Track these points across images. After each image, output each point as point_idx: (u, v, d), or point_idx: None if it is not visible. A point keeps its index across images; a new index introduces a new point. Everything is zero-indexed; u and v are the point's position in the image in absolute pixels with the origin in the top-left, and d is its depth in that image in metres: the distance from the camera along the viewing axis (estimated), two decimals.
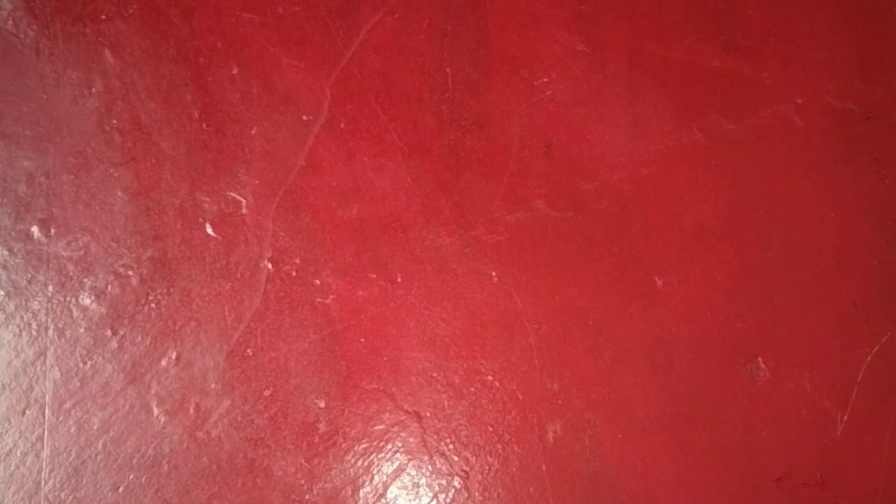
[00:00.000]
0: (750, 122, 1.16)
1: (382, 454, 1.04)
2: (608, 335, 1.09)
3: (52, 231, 1.02)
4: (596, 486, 1.06)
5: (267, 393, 1.03)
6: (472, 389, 1.07)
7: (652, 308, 1.11)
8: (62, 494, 0.98)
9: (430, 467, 1.05)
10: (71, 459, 0.99)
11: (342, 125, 1.09)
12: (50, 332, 1.00)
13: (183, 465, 1.00)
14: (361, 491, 1.03)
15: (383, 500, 1.04)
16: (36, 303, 1.00)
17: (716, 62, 1.17)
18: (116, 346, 1.01)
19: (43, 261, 1.01)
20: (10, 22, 1.04)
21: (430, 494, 1.05)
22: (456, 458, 1.06)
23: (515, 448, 1.07)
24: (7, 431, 0.98)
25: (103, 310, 1.01)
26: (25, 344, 1.00)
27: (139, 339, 1.02)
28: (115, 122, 1.05)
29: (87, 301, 1.01)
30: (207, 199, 1.05)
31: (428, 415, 1.06)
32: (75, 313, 1.01)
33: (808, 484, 1.09)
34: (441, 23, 1.13)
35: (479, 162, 1.11)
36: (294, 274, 1.05)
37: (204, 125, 1.06)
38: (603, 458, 1.07)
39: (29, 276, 1.01)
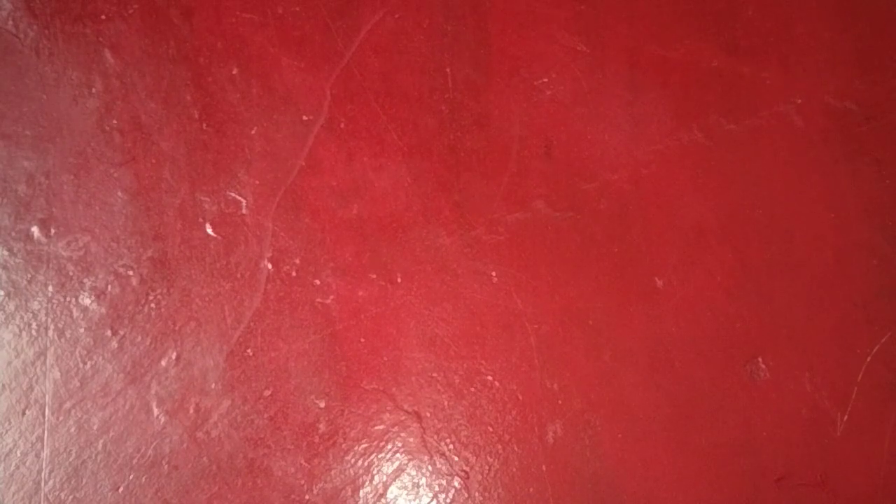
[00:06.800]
0: (750, 122, 1.16)
1: (382, 454, 1.04)
2: (608, 335, 1.09)
3: (52, 231, 1.02)
4: (596, 486, 1.06)
5: (267, 393, 1.03)
6: (472, 389, 1.07)
7: (652, 308, 1.11)
8: (62, 494, 0.98)
9: (430, 467, 1.05)
10: (71, 459, 0.99)
11: (342, 125, 1.09)
12: (50, 332, 1.00)
13: (183, 465, 1.00)
14: (361, 491, 1.03)
15: (383, 501, 1.04)
16: (36, 303, 1.00)
17: (716, 62, 1.17)
18: (116, 346, 1.01)
19: (43, 261, 1.01)
20: (10, 22, 1.04)
21: (430, 494, 1.05)
22: (456, 459, 1.06)
23: (515, 448, 1.06)
24: (7, 431, 0.98)
25: (103, 310, 1.01)
26: (25, 344, 1.00)
27: (139, 339, 1.02)
28: (115, 122, 1.05)
29: (87, 301, 1.01)
30: (207, 199, 1.05)
31: (428, 415, 1.06)
32: (75, 313, 1.01)
33: (808, 484, 1.09)
34: (441, 23, 1.13)
35: (479, 162, 1.11)
36: (294, 274, 1.05)
37: (204, 125, 1.06)
38: (603, 459, 1.07)
39: (29, 276, 1.01)
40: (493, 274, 1.09)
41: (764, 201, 1.14)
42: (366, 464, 1.04)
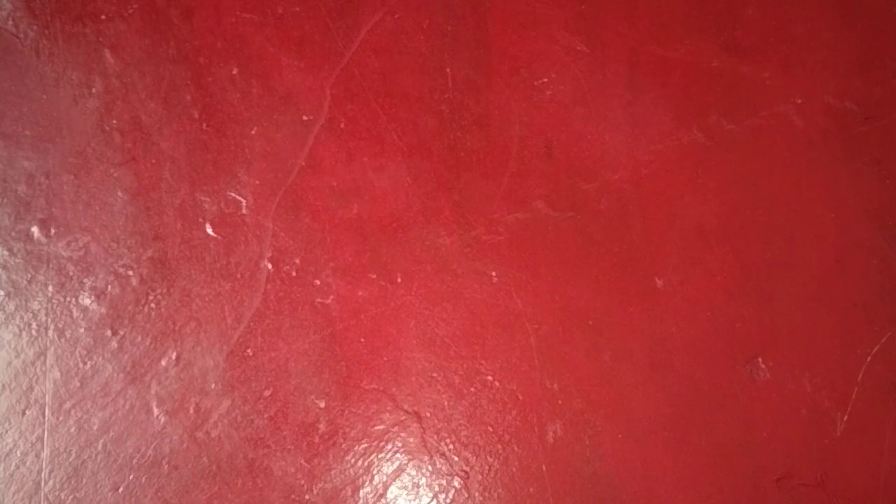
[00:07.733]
0: (750, 122, 1.16)
1: (382, 454, 1.04)
2: (608, 335, 1.09)
3: (52, 231, 1.02)
4: (596, 486, 1.06)
5: (267, 393, 1.03)
6: (472, 389, 1.07)
7: (652, 308, 1.11)
8: (62, 494, 0.98)
9: (430, 467, 1.05)
10: (71, 459, 0.99)
11: (342, 125, 1.09)
12: (50, 332, 1.00)
13: (183, 465, 1.00)
14: (361, 491, 1.03)
15: (383, 501, 1.04)
16: (36, 303, 1.00)
17: (716, 62, 1.17)
18: (116, 346, 1.01)
19: (43, 261, 1.01)
20: (10, 22, 1.04)
21: (430, 494, 1.05)
22: (456, 459, 1.06)
23: (515, 448, 1.07)
24: (7, 431, 0.98)
25: (103, 310, 1.01)
26: (25, 344, 1.00)
27: (139, 339, 1.02)
28: (115, 122, 1.05)
29: (87, 301, 1.01)
30: (207, 199, 1.05)
31: (428, 415, 1.06)
32: (75, 313, 1.01)
33: (808, 484, 1.09)
34: (441, 23, 1.13)
35: (479, 162, 1.11)
36: (294, 274, 1.05)
37: (204, 125, 1.06)
38: (603, 459, 1.07)
39: (29, 276, 1.01)
40: (493, 274, 1.09)
41: (764, 201, 1.14)
42: (366, 464, 1.04)
